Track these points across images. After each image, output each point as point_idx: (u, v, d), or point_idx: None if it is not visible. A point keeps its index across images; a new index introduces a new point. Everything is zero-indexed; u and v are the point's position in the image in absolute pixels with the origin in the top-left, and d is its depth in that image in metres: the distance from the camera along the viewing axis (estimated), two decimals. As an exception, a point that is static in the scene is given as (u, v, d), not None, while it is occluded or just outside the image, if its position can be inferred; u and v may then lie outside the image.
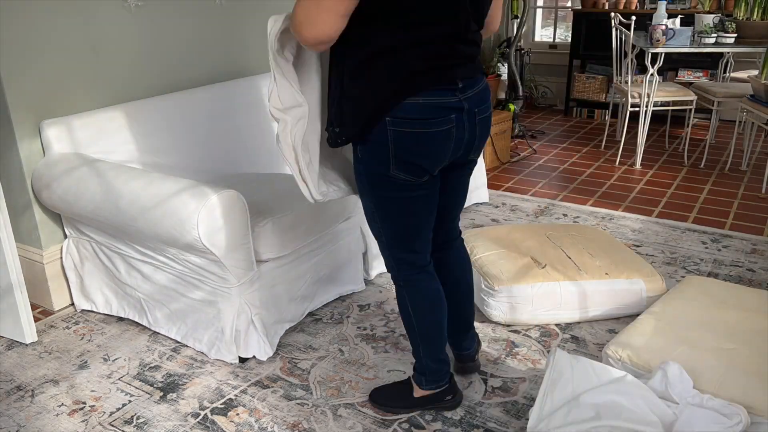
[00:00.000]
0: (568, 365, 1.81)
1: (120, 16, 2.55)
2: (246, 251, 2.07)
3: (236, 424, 1.91)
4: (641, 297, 2.39)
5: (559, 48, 5.96)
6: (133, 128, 2.52)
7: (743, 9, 4.15)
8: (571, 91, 5.71)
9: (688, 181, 4.01)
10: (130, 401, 2.01)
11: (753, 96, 3.82)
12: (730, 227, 3.30)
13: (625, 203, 3.64)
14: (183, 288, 2.20)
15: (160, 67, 2.75)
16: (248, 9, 3.12)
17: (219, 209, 1.95)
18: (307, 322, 2.44)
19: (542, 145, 4.84)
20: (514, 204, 3.62)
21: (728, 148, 4.59)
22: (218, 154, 2.83)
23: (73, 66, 2.43)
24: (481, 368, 2.13)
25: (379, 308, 2.53)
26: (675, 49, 3.99)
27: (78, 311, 2.55)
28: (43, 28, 2.31)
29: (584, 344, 2.28)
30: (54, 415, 1.96)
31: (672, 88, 4.26)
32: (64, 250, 2.48)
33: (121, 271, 2.35)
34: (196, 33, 2.87)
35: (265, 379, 2.11)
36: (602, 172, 4.20)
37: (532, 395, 2.01)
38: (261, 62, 3.26)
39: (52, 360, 2.24)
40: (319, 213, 2.36)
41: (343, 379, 2.10)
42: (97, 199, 2.16)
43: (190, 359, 2.22)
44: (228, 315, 2.12)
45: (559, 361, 1.82)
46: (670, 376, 1.77)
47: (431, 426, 1.88)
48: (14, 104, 2.27)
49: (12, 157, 2.36)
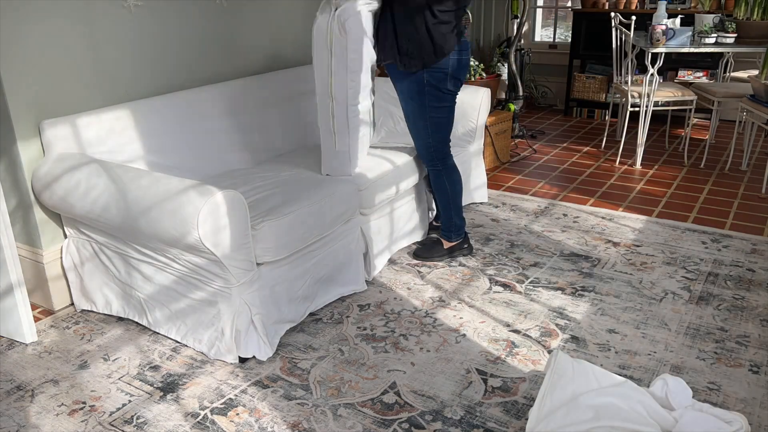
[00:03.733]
0: (570, 367, 1.81)
1: (120, 16, 2.55)
2: (246, 251, 2.07)
3: (236, 424, 1.91)
4: None
5: (559, 48, 5.96)
6: (134, 128, 2.52)
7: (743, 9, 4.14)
8: (571, 91, 5.71)
9: (688, 181, 4.01)
10: (130, 401, 2.01)
11: (753, 96, 3.81)
12: (730, 227, 3.30)
13: (625, 203, 3.64)
14: (183, 288, 2.20)
15: (160, 67, 2.75)
16: (249, 9, 3.12)
17: (219, 209, 1.95)
18: (307, 322, 2.44)
19: (542, 145, 4.84)
20: (514, 204, 3.62)
21: (728, 148, 4.59)
22: (217, 154, 2.83)
23: (73, 66, 2.43)
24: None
25: (379, 308, 2.53)
26: (675, 49, 3.99)
27: (78, 311, 2.55)
28: (43, 28, 2.31)
29: (584, 344, 2.28)
30: (54, 415, 1.96)
31: (672, 88, 4.26)
32: (64, 250, 2.48)
33: (121, 271, 2.36)
34: (196, 33, 2.87)
35: (265, 379, 2.11)
36: (602, 171, 4.20)
37: (532, 395, 2.01)
38: (261, 62, 3.26)
39: (52, 360, 2.24)
40: (320, 214, 2.36)
41: (343, 379, 2.10)
42: (98, 200, 2.16)
43: (190, 359, 2.22)
44: (228, 315, 2.12)
45: (560, 362, 1.82)
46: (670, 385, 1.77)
47: (431, 426, 1.88)
48: (14, 104, 2.27)
49: (12, 157, 2.36)
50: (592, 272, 2.80)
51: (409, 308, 2.54)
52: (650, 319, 2.43)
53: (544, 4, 6.12)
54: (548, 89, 6.04)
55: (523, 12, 4.73)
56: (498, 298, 2.60)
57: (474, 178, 3.52)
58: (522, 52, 5.31)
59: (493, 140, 4.16)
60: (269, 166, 2.87)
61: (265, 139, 3.08)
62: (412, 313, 2.50)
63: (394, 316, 2.47)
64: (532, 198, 3.73)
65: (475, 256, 2.97)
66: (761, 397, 2.00)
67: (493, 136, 4.14)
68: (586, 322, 2.42)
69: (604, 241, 3.11)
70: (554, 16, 6.13)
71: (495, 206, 3.59)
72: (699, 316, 2.45)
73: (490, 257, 2.96)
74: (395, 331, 2.37)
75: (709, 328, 2.37)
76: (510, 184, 3.99)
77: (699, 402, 1.77)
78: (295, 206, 2.29)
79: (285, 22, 3.36)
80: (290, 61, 3.45)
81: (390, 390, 2.05)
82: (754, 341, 2.28)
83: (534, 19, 6.09)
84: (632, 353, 2.22)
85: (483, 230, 3.26)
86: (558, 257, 2.95)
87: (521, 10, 4.75)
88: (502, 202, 3.66)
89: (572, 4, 5.78)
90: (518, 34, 4.74)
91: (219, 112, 2.87)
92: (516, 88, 4.77)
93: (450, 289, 2.68)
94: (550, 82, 6.03)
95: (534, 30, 6.12)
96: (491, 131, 4.10)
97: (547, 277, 2.76)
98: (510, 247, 3.07)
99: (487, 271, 2.84)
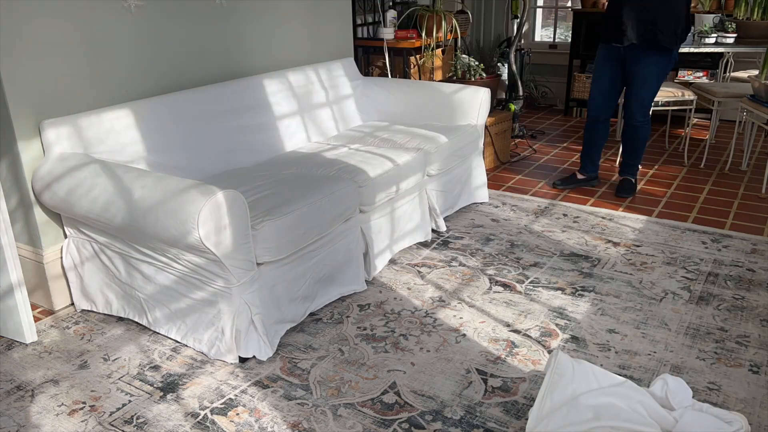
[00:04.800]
0: (570, 368, 1.81)
1: (120, 16, 2.55)
2: (246, 251, 2.07)
3: (236, 424, 1.91)
4: None
5: (559, 48, 5.96)
6: (134, 128, 2.53)
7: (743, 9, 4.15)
8: (571, 91, 5.71)
9: (688, 181, 4.01)
10: (130, 401, 2.01)
11: (753, 96, 3.81)
12: (730, 227, 3.30)
13: (625, 203, 3.64)
14: (183, 288, 2.20)
15: (160, 67, 2.75)
16: (248, 9, 3.12)
17: (219, 209, 1.95)
18: (307, 322, 2.44)
19: (542, 145, 4.84)
20: (515, 204, 3.62)
21: (728, 148, 4.59)
22: (217, 155, 2.83)
23: (73, 66, 2.43)
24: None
25: (379, 308, 2.53)
26: (675, 49, 3.99)
27: (78, 311, 2.55)
28: (43, 28, 2.31)
29: (584, 344, 2.28)
30: (54, 415, 1.96)
31: (672, 88, 4.26)
32: (64, 250, 2.49)
33: (121, 271, 2.36)
34: (196, 33, 2.87)
35: (265, 379, 2.11)
36: (602, 172, 4.20)
37: (532, 395, 2.01)
38: (261, 62, 3.26)
39: (52, 360, 2.24)
40: (320, 213, 2.36)
41: (343, 379, 2.10)
42: (98, 200, 2.16)
43: (190, 359, 2.22)
44: (228, 315, 2.12)
45: (560, 363, 1.82)
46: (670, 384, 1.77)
47: (431, 426, 1.88)
48: (14, 104, 2.27)
49: (12, 157, 2.36)
50: (592, 272, 2.80)
51: (409, 308, 2.54)
52: (650, 319, 2.43)
53: (544, 4, 6.12)
54: (548, 89, 6.04)
55: (523, 12, 4.73)
56: (498, 298, 2.60)
57: (474, 178, 3.52)
58: (522, 52, 5.31)
59: (493, 140, 4.16)
60: (269, 165, 2.87)
61: (266, 139, 3.08)
62: (412, 313, 2.50)
63: (394, 316, 2.47)
64: (532, 198, 3.73)
65: (475, 256, 2.97)
66: (761, 397, 2.00)
67: (493, 136, 4.14)
68: (586, 322, 2.42)
69: (604, 241, 3.11)
70: (554, 16, 6.13)
71: (495, 206, 3.59)
72: (699, 316, 2.45)
73: (490, 257, 2.96)
74: (395, 331, 2.37)
75: (709, 328, 2.37)
76: (510, 184, 3.99)
77: (699, 402, 1.77)
78: (295, 205, 2.29)
79: (285, 23, 3.36)
80: (290, 61, 3.45)
81: (390, 390, 2.05)
82: (754, 341, 2.28)
83: (534, 19, 6.09)
84: (632, 353, 2.22)
85: (483, 230, 3.26)
86: (558, 257, 2.95)
87: (521, 10, 4.75)
88: (502, 201, 3.66)
89: (572, 4, 5.78)
90: (518, 34, 4.74)
91: (219, 112, 2.87)
92: (516, 88, 4.77)
93: (450, 289, 2.68)
94: (550, 82, 6.03)
95: (534, 30, 6.12)
96: (491, 131, 4.10)
97: (547, 277, 2.76)
98: (510, 247, 3.07)
99: (487, 271, 2.84)
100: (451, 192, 3.34)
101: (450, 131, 3.25)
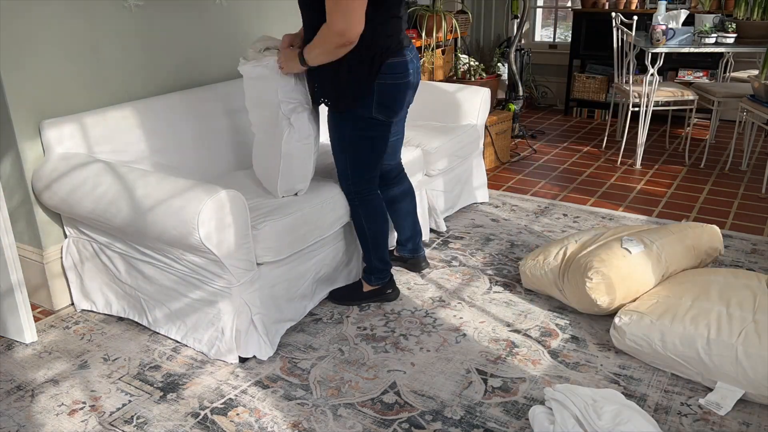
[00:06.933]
0: (547, 422, 1.77)
1: (120, 16, 2.55)
2: (247, 251, 2.07)
3: (236, 424, 1.91)
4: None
5: (559, 48, 5.96)
6: (134, 128, 2.52)
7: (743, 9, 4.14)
8: (571, 91, 5.71)
9: (688, 181, 4.01)
10: (130, 401, 2.01)
11: (753, 96, 3.82)
12: (730, 227, 3.30)
13: (626, 203, 3.64)
14: (183, 288, 2.20)
15: (160, 67, 2.75)
16: (248, 9, 3.12)
17: (220, 209, 1.95)
18: (307, 322, 2.44)
19: (542, 145, 4.84)
20: (515, 204, 3.62)
21: (728, 148, 4.59)
22: (218, 154, 2.83)
23: (73, 66, 2.43)
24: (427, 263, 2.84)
25: (379, 308, 2.53)
26: (675, 49, 3.99)
27: (78, 311, 2.55)
28: (43, 28, 2.31)
29: (584, 344, 2.28)
30: (54, 415, 1.96)
31: (672, 88, 4.27)
32: (64, 250, 2.49)
33: (122, 271, 2.36)
34: (196, 33, 2.88)
35: (265, 379, 2.11)
36: (602, 171, 4.20)
37: (532, 395, 2.01)
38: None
39: (52, 360, 2.24)
40: (321, 214, 2.36)
41: (343, 379, 2.10)
42: (99, 200, 2.16)
43: (190, 359, 2.22)
44: (228, 315, 2.12)
45: (537, 420, 1.79)
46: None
47: (431, 426, 1.88)
48: (14, 104, 2.27)
49: (12, 157, 2.36)
50: (592, 272, 2.80)
51: (409, 308, 2.54)
52: (650, 319, 2.43)
53: (544, 4, 6.12)
54: (548, 89, 6.04)
55: (523, 12, 4.73)
56: (498, 298, 2.60)
57: (474, 177, 3.52)
58: (522, 52, 5.31)
59: (493, 140, 4.16)
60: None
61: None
62: (412, 313, 2.50)
63: (394, 316, 2.47)
64: (533, 198, 3.73)
65: (475, 256, 2.97)
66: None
67: (493, 136, 4.14)
68: (586, 322, 2.42)
69: (604, 241, 3.11)
70: (554, 16, 6.13)
71: (495, 206, 3.59)
72: (699, 316, 2.45)
73: (490, 257, 2.96)
74: (395, 331, 2.37)
75: (709, 328, 2.36)
76: (510, 184, 3.99)
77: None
78: (296, 207, 2.29)
79: (285, 22, 3.36)
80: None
81: (390, 390, 2.05)
82: (754, 341, 2.28)
83: (534, 19, 6.09)
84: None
85: (483, 230, 3.26)
86: (558, 257, 2.95)
87: (521, 10, 4.75)
88: (502, 201, 3.66)
89: (572, 4, 5.78)
90: (518, 34, 4.74)
91: (219, 112, 2.87)
92: (516, 88, 4.78)
93: (450, 289, 2.68)
94: (550, 82, 6.03)
95: (534, 30, 6.12)
96: (491, 131, 4.10)
97: (547, 277, 2.76)
98: (510, 247, 3.07)
99: (487, 271, 2.84)
100: (451, 192, 3.34)
101: (450, 131, 3.25)
